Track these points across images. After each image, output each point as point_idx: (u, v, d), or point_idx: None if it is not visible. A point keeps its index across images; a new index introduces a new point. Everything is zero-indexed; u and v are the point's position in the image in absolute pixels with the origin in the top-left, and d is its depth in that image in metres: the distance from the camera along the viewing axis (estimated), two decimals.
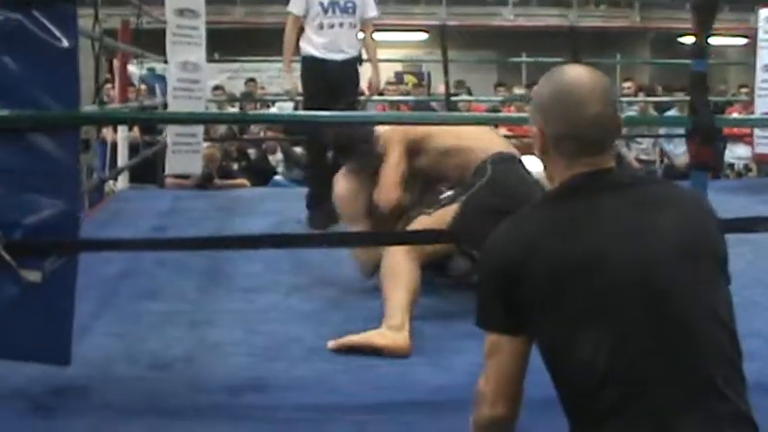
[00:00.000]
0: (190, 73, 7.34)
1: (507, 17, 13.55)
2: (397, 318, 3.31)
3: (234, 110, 11.05)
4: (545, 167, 1.89)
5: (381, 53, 13.19)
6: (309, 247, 4.40)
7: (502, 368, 1.80)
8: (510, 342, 1.79)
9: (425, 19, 11.73)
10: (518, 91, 10.92)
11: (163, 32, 7.30)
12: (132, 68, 8.75)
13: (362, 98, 7.44)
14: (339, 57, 5.83)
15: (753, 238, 4.15)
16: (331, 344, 3.26)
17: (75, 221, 2.73)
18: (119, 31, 7.61)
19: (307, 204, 5.82)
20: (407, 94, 11.64)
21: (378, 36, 13.55)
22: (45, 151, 2.66)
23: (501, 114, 9.15)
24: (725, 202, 4.16)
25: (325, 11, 5.81)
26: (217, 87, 11.94)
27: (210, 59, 9.89)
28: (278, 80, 13.37)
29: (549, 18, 13.09)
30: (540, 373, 1.76)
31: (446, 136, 3.93)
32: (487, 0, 12.08)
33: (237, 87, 12.24)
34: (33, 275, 2.63)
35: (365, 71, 6.36)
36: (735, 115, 9.43)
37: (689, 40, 14.08)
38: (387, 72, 12.65)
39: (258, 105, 10.99)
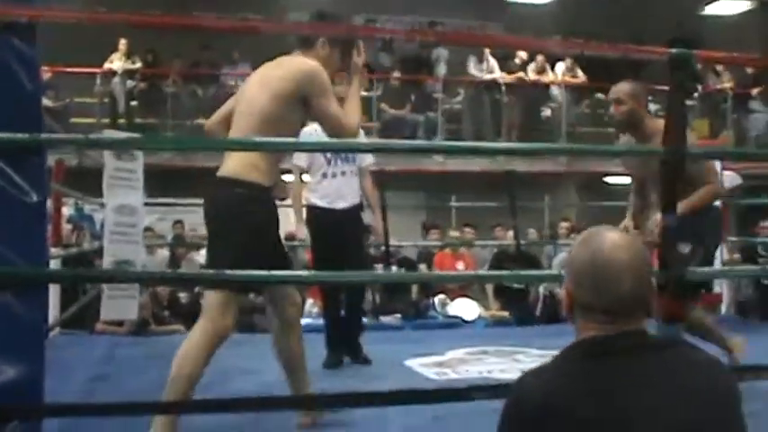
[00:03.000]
0: (127, 216, 7.23)
1: (437, 160, 13.72)
2: None
3: (163, 251, 10.95)
4: (572, 322, 1.88)
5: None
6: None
7: None
8: None
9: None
10: (453, 233, 10.96)
11: (92, 172, 7.23)
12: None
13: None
14: (344, 205, 5.97)
15: None
16: None
17: (39, 384, 2.59)
18: (53, 170, 7.48)
19: (326, 344, 6.05)
20: None
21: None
22: (9, 310, 2.54)
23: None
24: None
25: (329, 161, 5.96)
26: (147, 229, 11.82)
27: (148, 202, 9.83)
28: None
29: (477, 162, 13.30)
30: None
31: None
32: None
33: (166, 229, 12.11)
34: None
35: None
36: None
37: (613, 180, 14.51)
38: None
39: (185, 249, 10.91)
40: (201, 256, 11.38)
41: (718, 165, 8.21)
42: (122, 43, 13.34)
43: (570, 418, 1.70)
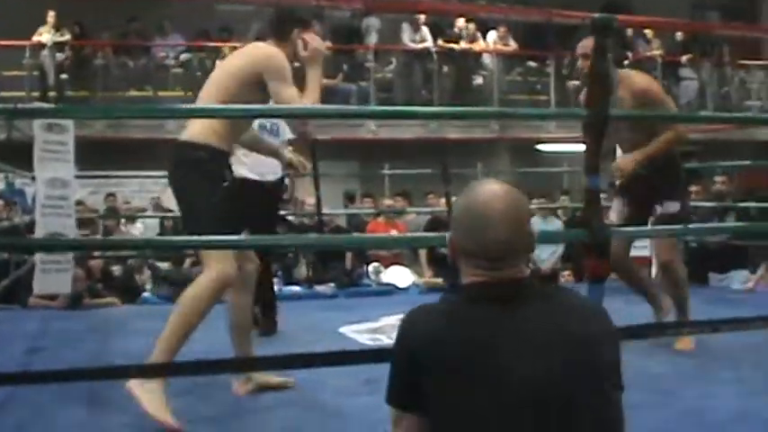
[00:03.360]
0: (59, 189, 7.22)
1: (370, 128, 13.78)
2: None
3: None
4: (456, 269, 1.99)
5: None
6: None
7: None
8: (409, 418, 1.94)
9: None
10: (387, 202, 11.05)
11: (23, 146, 7.19)
12: None
13: None
14: (271, 177, 6.07)
15: None
16: None
17: None
18: None
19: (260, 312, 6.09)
20: None
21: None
22: None
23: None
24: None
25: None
26: (78, 202, 11.72)
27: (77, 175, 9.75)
28: (140, 194, 13.25)
29: (410, 129, 13.37)
30: None
31: None
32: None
33: (99, 202, 12.02)
34: None
35: None
36: None
37: (546, 147, 14.73)
38: None
39: (121, 222, 10.85)
40: (136, 228, 11.36)
41: None
42: (51, 15, 13.15)
43: (444, 357, 1.85)
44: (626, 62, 15.17)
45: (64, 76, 13.51)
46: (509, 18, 15.45)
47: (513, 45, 15.06)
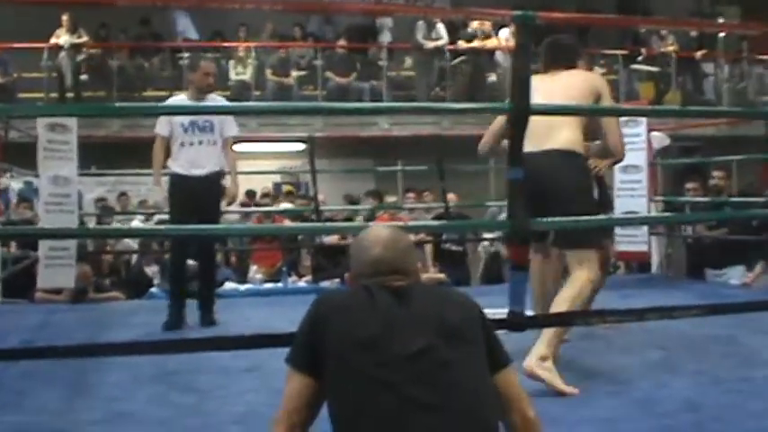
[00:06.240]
0: (61, 187, 7.43)
1: (383, 126, 13.88)
2: None
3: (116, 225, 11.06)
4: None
5: (259, 164, 13.44)
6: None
7: (289, 398, 2.29)
8: (301, 379, 2.30)
9: (302, 130, 11.93)
10: (391, 199, 11.17)
11: (30, 146, 7.40)
12: (10, 182, 8.81)
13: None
14: (201, 172, 6.28)
15: None
16: None
17: None
18: None
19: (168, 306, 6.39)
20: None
21: (256, 147, 13.76)
22: None
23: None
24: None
25: (186, 130, 6.27)
26: (99, 199, 11.99)
27: (87, 173, 9.97)
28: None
29: (423, 127, 13.44)
30: None
31: None
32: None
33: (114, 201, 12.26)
34: None
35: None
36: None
37: None
38: (265, 183, 12.89)
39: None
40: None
41: (643, 126, 8.55)
42: (64, 19, 13.34)
43: (343, 328, 2.26)
44: (639, 58, 15.27)
45: (83, 77, 13.75)
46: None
47: None
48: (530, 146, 4.18)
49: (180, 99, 6.75)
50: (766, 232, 8.20)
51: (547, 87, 4.58)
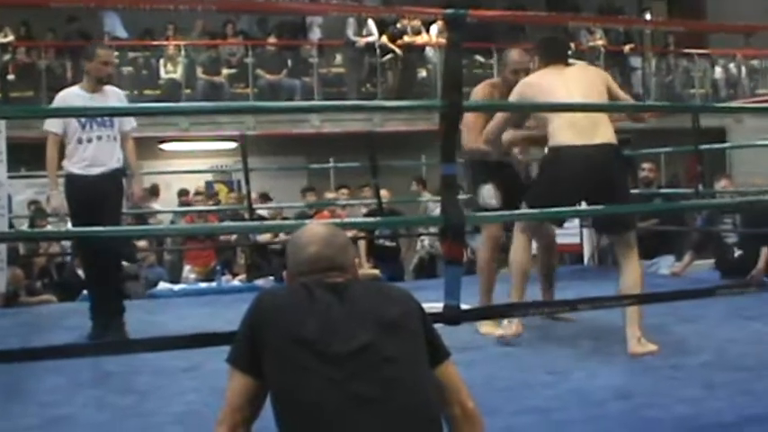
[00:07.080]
0: None
1: (314, 124, 13.91)
2: None
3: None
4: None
5: (191, 163, 13.39)
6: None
7: (231, 397, 2.32)
8: (242, 378, 2.33)
9: (234, 128, 11.92)
10: (329, 195, 11.21)
11: None
12: None
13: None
14: (100, 170, 5.73)
15: None
16: None
17: None
18: None
19: (90, 315, 5.84)
20: (218, 203, 11.84)
21: (188, 146, 13.70)
22: None
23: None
24: None
25: (83, 126, 5.68)
26: (33, 202, 11.79)
27: (17, 175, 9.84)
28: None
29: (354, 124, 13.49)
30: None
31: None
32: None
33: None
34: None
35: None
36: None
37: None
38: (198, 182, 12.81)
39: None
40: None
41: None
42: None
43: (283, 325, 2.29)
44: (569, 53, 15.38)
45: (10, 77, 13.55)
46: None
47: None
48: (577, 139, 4.71)
49: (73, 92, 5.83)
50: (694, 223, 8.37)
51: (561, 82, 4.88)
